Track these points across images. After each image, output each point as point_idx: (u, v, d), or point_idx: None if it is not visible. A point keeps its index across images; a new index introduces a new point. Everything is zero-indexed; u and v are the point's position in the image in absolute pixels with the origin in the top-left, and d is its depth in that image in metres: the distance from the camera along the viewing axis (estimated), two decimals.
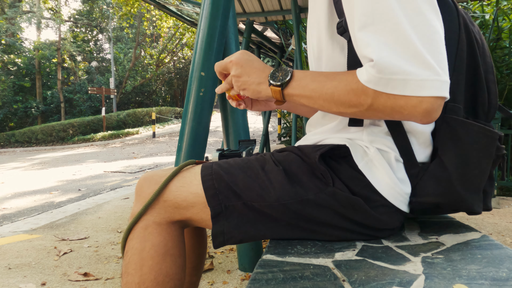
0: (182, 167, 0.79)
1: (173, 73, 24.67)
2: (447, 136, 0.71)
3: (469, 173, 0.70)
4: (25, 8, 20.44)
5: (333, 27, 0.72)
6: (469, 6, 4.84)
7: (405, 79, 0.55)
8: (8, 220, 3.38)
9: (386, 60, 0.56)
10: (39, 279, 1.87)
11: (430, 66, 0.55)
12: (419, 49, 0.55)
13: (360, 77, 0.60)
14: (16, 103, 18.45)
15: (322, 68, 0.77)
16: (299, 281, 0.57)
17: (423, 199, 0.72)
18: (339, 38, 0.72)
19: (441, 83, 0.55)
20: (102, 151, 10.99)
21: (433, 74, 0.55)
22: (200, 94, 1.58)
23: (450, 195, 0.71)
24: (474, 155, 0.70)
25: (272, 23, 5.95)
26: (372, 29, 0.58)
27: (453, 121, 0.70)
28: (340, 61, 0.73)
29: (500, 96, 4.10)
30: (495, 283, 0.54)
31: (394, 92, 0.57)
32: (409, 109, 0.57)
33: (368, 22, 0.59)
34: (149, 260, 0.73)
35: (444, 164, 0.70)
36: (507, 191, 3.70)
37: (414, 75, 0.55)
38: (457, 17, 0.72)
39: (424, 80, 0.55)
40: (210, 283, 1.77)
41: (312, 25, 0.79)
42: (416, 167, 0.73)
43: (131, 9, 12.57)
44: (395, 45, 0.56)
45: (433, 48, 0.56)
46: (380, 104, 0.59)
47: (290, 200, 0.71)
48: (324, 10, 0.72)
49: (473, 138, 0.69)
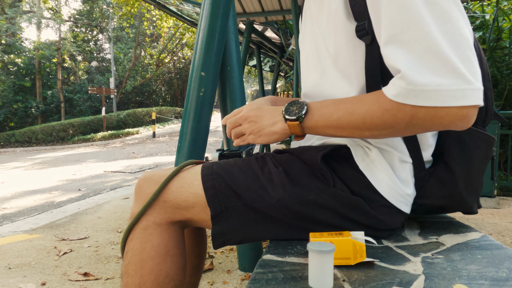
0: (182, 167, 0.79)
1: (173, 73, 24.67)
2: (453, 142, 0.74)
3: (472, 177, 0.73)
4: (25, 8, 20.45)
5: (352, 30, 0.69)
6: (469, 6, 4.84)
7: (436, 90, 0.54)
8: (8, 220, 3.38)
9: (415, 71, 0.55)
10: (39, 279, 1.87)
11: (462, 75, 0.54)
12: (450, 57, 0.54)
13: (388, 93, 0.59)
14: (16, 103, 18.45)
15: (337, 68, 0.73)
16: (299, 281, 0.57)
17: (429, 201, 0.75)
18: (359, 42, 0.69)
19: (473, 91, 0.54)
20: (102, 151, 10.99)
21: (464, 83, 0.54)
22: (200, 94, 1.58)
23: (454, 197, 0.74)
24: (476, 159, 0.73)
25: (272, 23, 5.94)
26: (401, 38, 0.57)
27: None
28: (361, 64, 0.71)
29: (500, 96, 4.09)
30: (495, 283, 0.54)
31: (426, 104, 0.55)
32: (450, 118, 0.56)
33: (396, 31, 0.57)
34: (149, 261, 0.73)
35: (450, 168, 0.73)
36: (507, 191, 3.70)
37: (445, 85, 0.54)
38: None
39: (456, 90, 0.54)
40: (210, 283, 1.77)
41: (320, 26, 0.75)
42: (423, 170, 0.74)
43: (131, 9, 12.57)
44: (425, 54, 0.55)
45: (464, 56, 0.55)
46: (420, 119, 0.57)
47: (291, 201, 0.71)
48: (341, 12, 0.69)
49: (476, 144, 0.73)
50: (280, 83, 18.15)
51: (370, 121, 0.61)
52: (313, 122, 0.67)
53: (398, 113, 0.58)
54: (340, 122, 0.64)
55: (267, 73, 25.20)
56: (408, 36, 0.56)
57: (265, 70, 11.44)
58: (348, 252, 0.61)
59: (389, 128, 0.60)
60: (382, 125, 0.60)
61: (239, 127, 0.75)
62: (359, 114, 0.62)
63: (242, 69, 3.31)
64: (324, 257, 0.53)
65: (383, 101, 0.60)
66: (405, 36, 0.56)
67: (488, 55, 4.04)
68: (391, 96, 0.58)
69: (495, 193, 3.25)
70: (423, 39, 0.55)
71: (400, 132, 0.61)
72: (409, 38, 0.56)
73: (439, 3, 0.55)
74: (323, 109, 0.67)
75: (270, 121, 0.71)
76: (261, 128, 0.72)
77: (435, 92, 0.54)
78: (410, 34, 0.56)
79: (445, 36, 0.55)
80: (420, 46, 0.55)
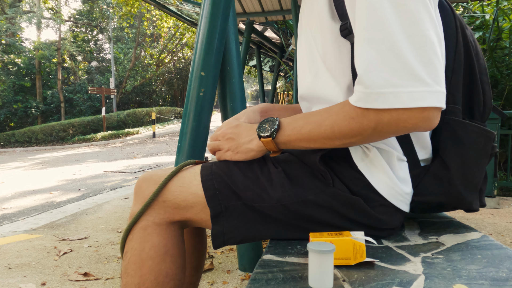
0: (181, 167, 0.79)
1: (173, 73, 24.67)
2: (447, 137, 0.72)
3: (469, 172, 0.72)
4: (25, 8, 20.45)
5: (337, 30, 0.70)
6: (469, 6, 4.84)
7: (394, 92, 0.55)
8: (8, 220, 3.38)
9: (373, 72, 0.56)
10: (39, 279, 1.87)
11: (419, 77, 0.54)
12: (410, 60, 0.54)
13: (351, 101, 0.60)
14: (16, 103, 18.45)
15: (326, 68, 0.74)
16: (299, 281, 0.57)
17: (425, 198, 0.73)
18: (344, 41, 0.70)
19: (431, 93, 0.55)
20: (102, 151, 10.99)
21: (422, 85, 0.54)
22: (200, 94, 1.58)
23: (451, 194, 0.72)
24: (473, 155, 0.71)
25: (272, 23, 5.95)
26: (367, 36, 0.57)
27: (453, 122, 0.72)
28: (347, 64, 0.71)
29: (500, 96, 4.09)
30: (495, 283, 0.54)
31: (385, 106, 0.56)
32: (412, 121, 0.56)
33: (363, 29, 0.58)
34: (148, 261, 0.73)
35: (445, 164, 0.72)
36: (507, 191, 3.70)
37: (402, 87, 0.54)
38: (454, 20, 0.73)
39: (413, 92, 0.54)
40: (210, 283, 1.77)
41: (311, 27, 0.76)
42: (418, 167, 0.74)
43: (131, 9, 12.57)
44: (387, 55, 0.55)
45: (425, 59, 0.55)
46: (385, 124, 0.58)
47: (291, 201, 0.71)
48: (326, 13, 0.71)
49: (473, 139, 0.71)
50: (280, 83, 18.15)
51: (338, 131, 0.63)
52: (286, 136, 0.69)
53: (364, 119, 0.59)
54: (311, 134, 0.66)
55: (267, 73, 25.21)
56: (373, 35, 0.56)
57: (265, 70, 11.45)
58: (348, 252, 0.61)
59: (357, 136, 0.62)
60: (350, 133, 0.62)
61: (218, 143, 0.79)
62: (327, 124, 0.64)
63: (242, 69, 3.31)
64: (324, 257, 0.53)
65: (348, 110, 0.61)
66: (370, 35, 0.57)
67: (488, 55, 4.04)
68: (354, 103, 0.59)
69: (495, 193, 3.25)
70: (386, 40, 0.55)
71: (369, 139, 0.62)
72: (374, 37, 0.56)
73: (407, 5, 0.55)
74: (294, 123, 0.69)
75: (246, 139, 0.75)
76: (238, 145, 0.76)
77: (393, 94, 0.55)
78: (375, 33, 0.56)
79: (408, 38, 0.55)
80: (383, 46, 0.56)
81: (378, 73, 0.56)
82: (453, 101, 0.72)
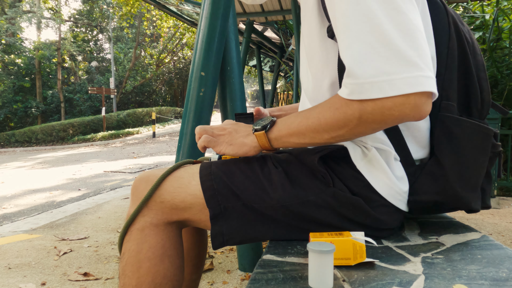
0: (178, 165, 0.79)
1: (173, 73, 24.66)
2: (441, 134, 0.71)
3: (466, 171, 0.70)
4: (25, 8, 20.44)
5: (324, 31, 0.70)
6: (469, 6, 4.84)
7: (388, 80, 0.54)
8: (8, 219, 3.38)
9: (363, 63, 0.55)
10: (39, 279, 1.87)
11: (413, 62, 0.54)
12: (401, 47, 0.54)
13: (342, 94, 0.60)
14: (16, 103, 18.44)
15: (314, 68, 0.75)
16: (299, 281, 0.57)
17: (421, 198, 0.72)
18: (331, 42, 0.70)
19: (425, 78, 0.54)
20: (102, 151, 10.99)
21: (416, 70, 0.54)
22: (200, 94, 1.58)
23: (447, 192, 0.70)
24: (469, 152, 0.70)
25: (272, 23, 5.95)
26: (352, 29, 0.57)
27: (447, 119, 0.70)
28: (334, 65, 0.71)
29: (500, 96, 4.09)
30: (495, 283, 0.54)
31: (380, 95, 0.55)
32: (398, 109, 0.55)
33: (346, 24, 0.57)
34: (146, 262, 0.72)
35: (440, 161, 0.70)
36: (507, 191, 3.70)
37: (395, 74, 0.54)
38: (446, 17, 0.72)
39: (407, 78, 0.54)
40: (210, 283, 1.77)
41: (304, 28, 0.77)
42: (412, 166, 0.73)
43: (131, 9, 12.57)
44: (376, 44, 0.55)
45: (416, 45, 0.55)
46: (369, 113, 0.57)
47: (291, 201, 0.71)
48: (315, 14, 0.71)
49: (468, 135, 0.70)
50: (280, 83, 18.15)
51: (324, 122, 0.63)
52: (277, 131, 0.70)
53: (347, 109, 0.59)
54: (299, 127, 0.66)
55: (267, 73, 25.19)
56: (360, 27, 0.56)
57: (265, 70, 11.45)
58: (348, 252, 0.61)
59: (343, 127, 0.61)
60: (336, 124, 0.61)
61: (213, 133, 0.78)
62: (314, 116, 0.64)
63: (242, 69, 3.30)
64: (324, 257, 0.53)
65: (334, 101, 0.62)
66: (357, 27, 0.56)
67: (488, 55, 4.04)
68: (346, 96, 0.59)
69: (495, 193, 3.25)
70: (374, 30, 0.55)
71: (357, 130, 0.61)
72: (361, 28, 0.56)
73: None
74: (286, 119, 0.70)
75: (243, 134, 0.76)
76: (234, 138, 0.76)
77: (386, 82, 0.54)
78: (362, 25, 0.56)
79: (397, 27, 0.55)
80: (371, 36, 0.55)
81: (369, 63, 0.55)
82: (446, 97, 0.71)
